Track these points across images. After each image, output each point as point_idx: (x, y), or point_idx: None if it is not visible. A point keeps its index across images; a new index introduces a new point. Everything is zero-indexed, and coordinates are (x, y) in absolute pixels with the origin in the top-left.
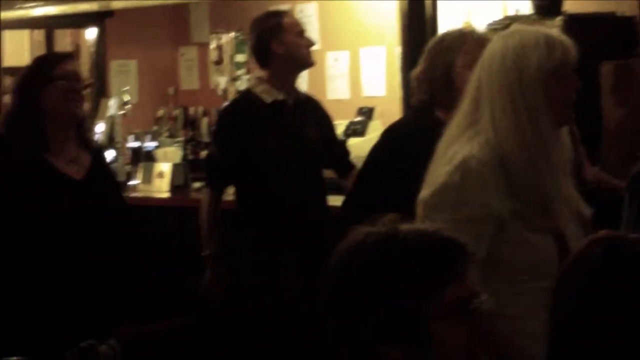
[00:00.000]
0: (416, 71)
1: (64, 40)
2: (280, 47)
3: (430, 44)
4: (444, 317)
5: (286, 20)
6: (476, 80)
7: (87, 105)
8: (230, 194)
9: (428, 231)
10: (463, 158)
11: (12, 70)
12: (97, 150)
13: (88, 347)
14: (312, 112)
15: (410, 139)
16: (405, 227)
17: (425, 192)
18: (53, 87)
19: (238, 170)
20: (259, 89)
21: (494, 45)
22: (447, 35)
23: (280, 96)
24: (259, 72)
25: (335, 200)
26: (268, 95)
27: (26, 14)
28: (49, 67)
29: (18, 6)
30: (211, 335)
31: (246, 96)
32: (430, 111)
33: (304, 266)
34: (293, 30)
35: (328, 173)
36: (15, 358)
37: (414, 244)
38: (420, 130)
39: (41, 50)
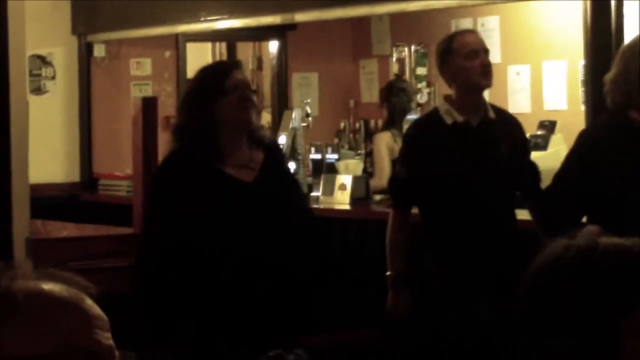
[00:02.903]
0: (610, 74)
1: (245, 53)
2: (449, 70)
3: (624, 47)
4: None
5: (456, 43)
6: None
7: (256, 112)
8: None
9: (627, 245)
10: None
11: None
12: (270, 146)
13: (276, 357)
14: (507, 132)
15: (604, 140)
16: (604, 240)
17: None
18: (227, 98)
19: (423, 191)
20: (443, 109)
21: None
22: None
23: (460, 118)
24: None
25: (525, 214)
26: (449, 116)
27: (209, 27)
28: (220, 79)
29: (202, 19)
30: (395, 348)
31: (432, 115)
32: (623, 112)
33: (494, 297)
34: (462, 52)
35: None
36: None
37: (614, 258)
38: (614, 131)
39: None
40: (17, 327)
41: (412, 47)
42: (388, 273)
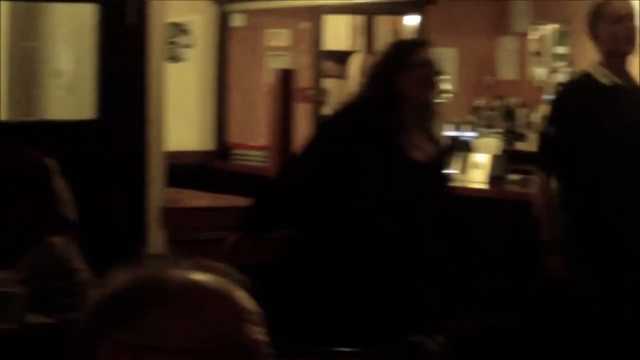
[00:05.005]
0: None
1: (384, 27)
2: (597, 35)
3: None
4: None
5: (605, 7)
6: None
7: (436, 94)
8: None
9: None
10: None
11: (332, 54)
12: (444, 148)
13: (417, 343)
14: None
15: None
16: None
17: None
18: (410, 73)
19: (574, 152)
20: (598, 71)
21: None
22: None
23: (617, 80)
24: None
25: None
26: (606, 78)
27: (349, 0)
28: (407, 54)
29: None
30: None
31: (584, 77)
32: None
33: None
34: (610, 17)
35: None
36: (348, 349)
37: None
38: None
39: (361, 36)
40: (166, 317)
41: (553, 26)
42: (543, 238)
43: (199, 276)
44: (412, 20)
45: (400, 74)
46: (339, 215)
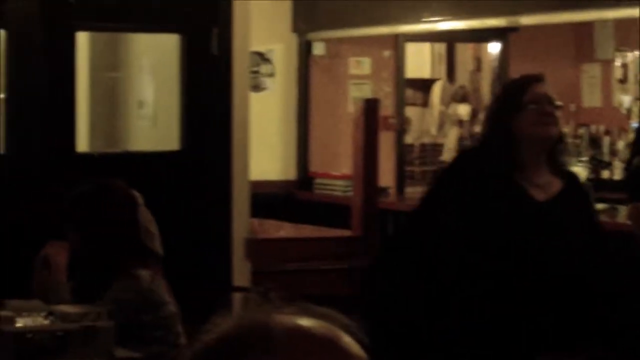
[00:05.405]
0: None
1: (465, 54)
2: None
3: None
4: None
5: None
6: None
7: (558, 129)
8: None
9: None
10: None
11: (413, 82)
12: (570, 175)
13: None
14: None
15: None
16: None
17: None
18: (524, 113)
19: None
20: None
21: None
22: None
23: None
24: None
25: None
26: None
27: (431, 28)
28: (519, 93)
29: (424, 20)
30: None
31: None
32: None
33: None
34: None
35: None
36: None
37: None
38: None
39: (442, 64)
40: None
41: (637, 52)
42: None
43: (305, 322)
44: (494, 48)
45: (514, 114)
46: (470, 267)
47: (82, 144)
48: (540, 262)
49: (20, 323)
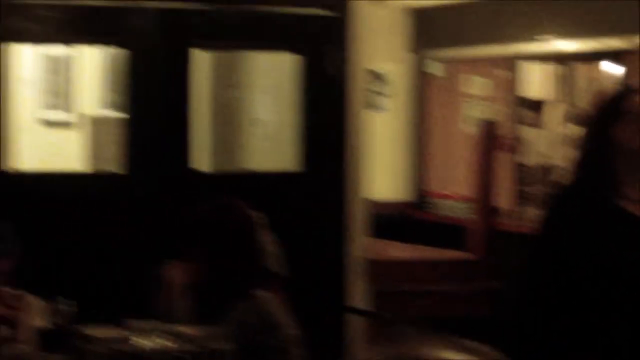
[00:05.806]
0: None
1: (584, 75)
2: None
3: None
4: None
5: None
6: None
7: None
8: None
9: None
10: None
11: (528, 102)
12: None
13: None
14: None
15: None
16: None
17: None
18: (623, 123)
19: None
20: None
21: None
22: None
23: None
24: None
25: None
26: None
27: (549, 49)
28: (616, 102)
29: (542, 40)
30: None
31: None
32: None
33: None
34: None
35: None
36: None
37: None
38: None
39: (559, 84)
40: None
41: None
42: None
43: (454, 356)
44: (612, 69)
45: (612, 124)
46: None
47: (204, 162)
48: None
49: (137, 343)
